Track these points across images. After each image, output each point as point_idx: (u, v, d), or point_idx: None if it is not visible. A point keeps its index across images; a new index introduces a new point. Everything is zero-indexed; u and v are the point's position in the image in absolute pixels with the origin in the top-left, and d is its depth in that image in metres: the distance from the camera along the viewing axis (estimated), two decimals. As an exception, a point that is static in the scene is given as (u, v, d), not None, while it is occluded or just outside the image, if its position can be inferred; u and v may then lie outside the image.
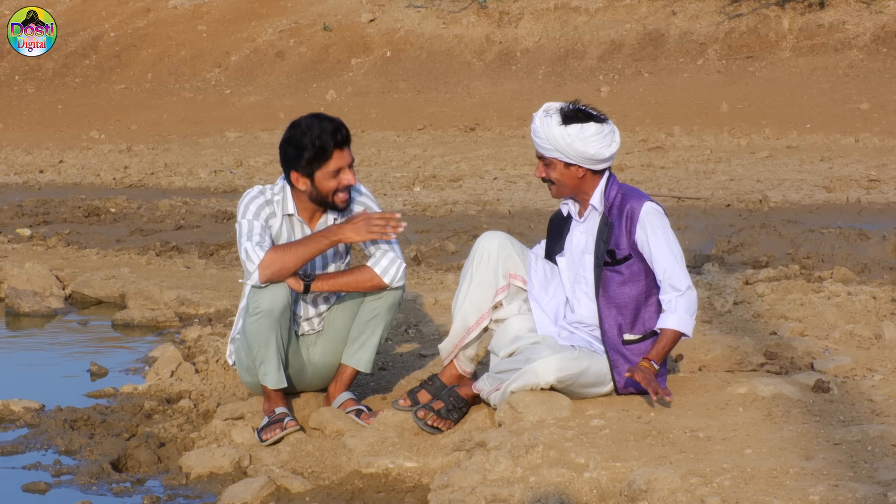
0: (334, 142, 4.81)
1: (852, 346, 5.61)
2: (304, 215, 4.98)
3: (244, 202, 4.92)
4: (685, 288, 4.60)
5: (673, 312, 4.59)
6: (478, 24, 22.64)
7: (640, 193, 4.70)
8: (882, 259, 8.59)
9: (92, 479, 4.66)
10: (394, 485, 4.54)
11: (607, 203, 4.69)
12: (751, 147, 15.77)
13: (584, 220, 4.75)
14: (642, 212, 4.62)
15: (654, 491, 3.81)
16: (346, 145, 4.86)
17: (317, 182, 4.86)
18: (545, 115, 4.66)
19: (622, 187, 4.73)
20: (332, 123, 4.83)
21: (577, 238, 4.78)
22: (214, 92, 22.22)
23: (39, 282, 8.06)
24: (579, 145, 4.60)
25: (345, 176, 4.87)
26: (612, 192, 4.70)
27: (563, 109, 4.65)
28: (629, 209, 4.64)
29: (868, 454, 3.97)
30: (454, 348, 4.93)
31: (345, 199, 4.91)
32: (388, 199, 12.45)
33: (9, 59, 24.14)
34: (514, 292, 4.87)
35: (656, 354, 4.60)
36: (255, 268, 4.73)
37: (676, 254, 4.63)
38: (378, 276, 4.89)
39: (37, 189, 14.33)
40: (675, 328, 4.58)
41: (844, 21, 20.09)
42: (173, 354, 6.08)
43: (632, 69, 20.36)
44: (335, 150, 4.82)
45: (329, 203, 4.90)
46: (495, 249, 4.84)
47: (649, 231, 4.61)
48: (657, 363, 4.60)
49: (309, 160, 4.81)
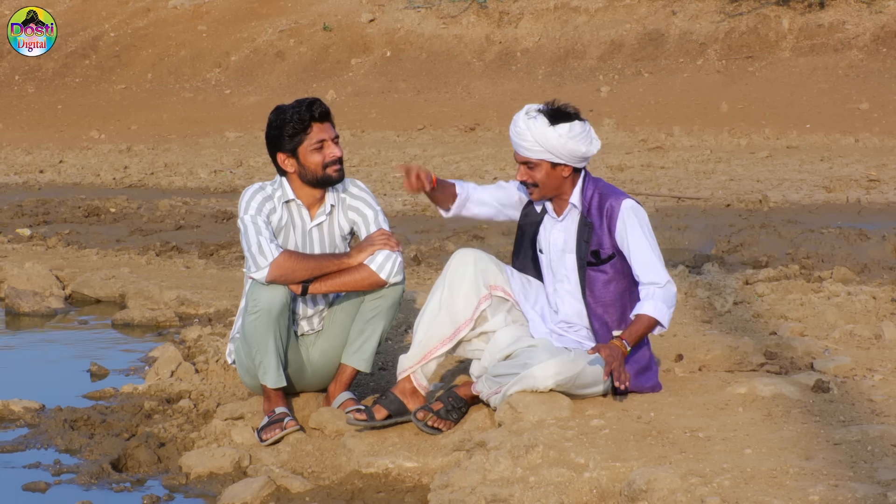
0: (310, 114, 4.88)
1: (852, 346, 5.61)
2: (304, 202, 5.00)
3: (245, 198, 4.93)
4: (664, 282, 4.61)
5: (650, 299, 4.59)
6: (478, 25, 22.64)
7: (617, 191, 4.71)
8: (882, 259, 8.59)
9: (92, 479, 4.66)
10: (394, 485, 4.54)
11: (585, 201, 4.69)
12: (751, 147, 15.77)
13: (562, 218, 4.75)
14: (622, 209, 4.63)
15: (654, 491, 3.81)
16: (325, 119, 4.92)
17: (302, 159, 4.89)
18: (529, 117, 4.64)
19: (598, 185, 4.73)
20: (310, 99, 4.93)
21: (555, 236, 4.77)
22: (214, 92, 22.22)
23: (39, 282, 8.06)
24: (571, 144, 4.60)
25: (329, 149, 4.90)
26: (588, 190, 4.70)
27: (545, 110, 4.64)
28: (608, 207, 4.65)
29: (868, 454, 3.97)
30: (419, 361, 4.78)
31: (337, 170, 4.93)
32: (389, 199, 12.45)
33: (9, 59, 24.14)
34: (497, 304, 4.82)
35: (629, 335, 4.58)
36: (267, 264, 4.75)
37: (655, 250, 4.64)
38: (374, 272, 4.88)
39: (37, 189, 14.33)
40: (650, 314, 4.57)
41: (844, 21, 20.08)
42: (173, 354, 6.08)
43: (632, 69, 20.36)
44: (313, 122, 4.88)
45: (322, 178, 4.91)
46: (471, 262, 4.79)
47: (629, 227, 4.62)
48: (629, 344, 4.57)
49: (290, 136, 4.88)
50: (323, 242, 5.04)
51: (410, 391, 4.84)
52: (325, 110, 4.93)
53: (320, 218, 5.02)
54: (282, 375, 4.90)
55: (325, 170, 4.90)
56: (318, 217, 5.02)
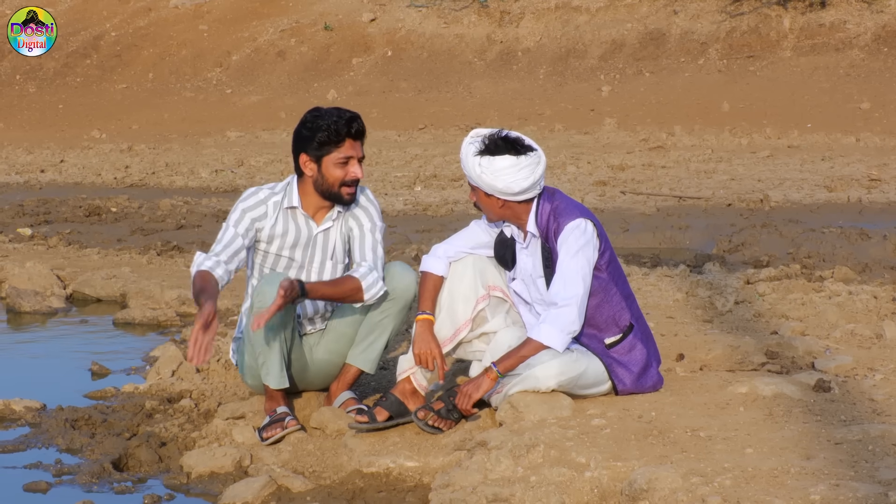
0: (348, 129, 4.83)
1: (853, 346, 5.61)
2: (309, 210, 4.98)
3: (235, 205, 4.97)
4: (563, 303, 4.51)
5: (545, 324, 4.52)
6: (479, 24, 22.64)
7: (569, 209, 4.63)
8: (883, 258, 8.60)
9: (93, 479, 4.66)
10: (395, 484, 4.54)
11: (541, 227, 4.65)
12: (752, 146, 15.77)
13: (526, 245, 4.73)
14: (565, 230, 4.58)
15: (655, 490, 3.81)
16: (360, 138, 4.89)
17: (324, 168, 4.87)
18: (469, 142, 4.63)
19: (555, 206, 4.65)
20: (351, 114, 4.88)
21: (524, 262, 4.75)
22: (215, 91, 22.22)
23: (40, 281, 8.06)
24: (487, 178, 4.56)
25: (353, 167, 4.87)
26: (543, 216, 4.65)
27: (486, 138, 4.60)
28: (556, 229, 4.61)
29: (869, 454, 3.97)
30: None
31: (351, 193, 4.91)
32: (390, 198, 12.45)
33: (10, 58, 24.15)
34: (496, 305, 4.83)
35: (506, 360, 4.53)
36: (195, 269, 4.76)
37: (574, 270, 4.53)
38: (362, 290, 4.85)
39: (38, 189, 14.33)
40: (540, 340, 4.51)
41: (845, 20, 20.08)
42: (174, 354, 6.08)
43: (633, 68, 20.36)
44: (348, 139, 4.84)
45: (334, 194, 4.90)
46: (470, 264, 4.80)
47: (561, 246, 4.57)
48: (503, 371, 4.54)
49: (321, 142, 4.83)
50: (326, 249, 5.03)
51: (411, 392, 4.84)
52: (362, 129, 4.90)
53: (327, 224, 5.00)
54: (285, 376, 4.90)
55: (340, 188, 4.89)
56: (324, 223, 5.00)
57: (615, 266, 4.72)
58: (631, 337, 4.70)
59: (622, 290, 4.71)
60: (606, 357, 4.68)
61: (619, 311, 4.68)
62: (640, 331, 4.74)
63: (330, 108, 4.90)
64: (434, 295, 4.81)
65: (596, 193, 12.19)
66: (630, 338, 4.69)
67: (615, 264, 4.73)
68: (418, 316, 4.80)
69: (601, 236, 4.66)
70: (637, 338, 4.72)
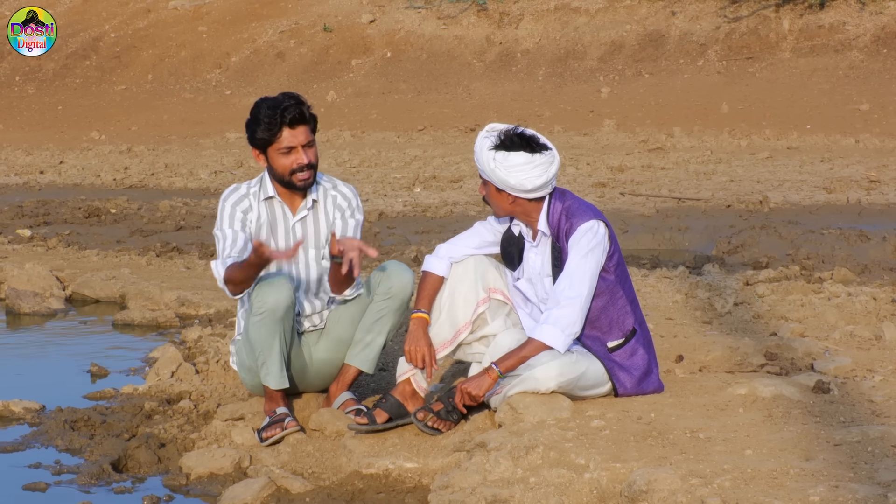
0: (282, 120, 4.79)
1: (852, 347, 5.61)
2: (285, 198, 4.99)
3: (220, 206, 4.96)
4: (565, 302, 4.51)
5: (546, 324, 4.53)
6: (478, 25, 22.64)
7: (583, 211, 4.63)
8: (882, 260, 8.60)
9: (92, 480, 4.66)
10: (394, 485, 4.54)
11: (552, 226, 4.66)
12: (751, 148, 15.76)
13: (536, 243, 4.73)
14: (577, 230, 4.58)
15: (655, 492, 3.81)
16: (298, 124, 4.82)
17: (271, 159, 4.89)
18: (485, 135, 4.63)
19: (567, 206, 4.65)
20: (288, 101, 4.82)
21: (532, 260, 4.75)
22: (215, 93, 22.22)
23: (40, 282, 8.07)
24: (501, 173, 4.56)
25: (297, 155, 4.85)
26: (555, 215, 4.65)
27: (502, 133, 4.60)
28: (568, 229, 4.61)
29: (868, 455, 3.97)
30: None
31: (304, 179, 4.89)
32: (389, 199, 12.45)
33: (9, 59, 24.14)
34: (496, 307, 4.83)
35: (507, 360, 4.54)
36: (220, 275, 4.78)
37: (580, 271, 4.53)
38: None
39: (37, 190, 14.33)
40: (542, 340, 4.52)
41: (844, 22, 20.08)
42: (173, 355, 6.08)
43: (632, 70, 20.35)
44: (284, 127, 4.80)
45: (288, 182, 4.90)
46: (471, 265, 4.81)
47: (572, 247, 4.57)
48: (504, 371, 4.55)
49: (260, 137, 4.84)
50: (307, 237, 5.02)
51: (410, 393, 4.85)
52: (298, 115, 4.81)
53: (302, 213, 5.01)
54: (285, 377, 4.90)
55: (291, 175, 4.89)
56: (299, 212, 5.02)
57: (622, 269, 4.72)
58: (633, 342, 4.69)
59: (628, 294, 4.71)
60: (608, 360, 4.67)
61: (624, 314, 4.68)
62: (642, 336, 4.74)
63: (272, 98, 4.86)
64: (432, 294, 4.81)
65: (595, 195, 12.19)
66: (632, 342, 4.69)
67: (622, 267, 4.73)
68: (413, 314, 4.81)
69: (611, 238, 4.67)
70: (639, 343, 4.71)
